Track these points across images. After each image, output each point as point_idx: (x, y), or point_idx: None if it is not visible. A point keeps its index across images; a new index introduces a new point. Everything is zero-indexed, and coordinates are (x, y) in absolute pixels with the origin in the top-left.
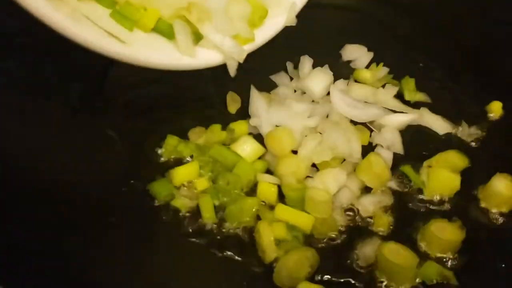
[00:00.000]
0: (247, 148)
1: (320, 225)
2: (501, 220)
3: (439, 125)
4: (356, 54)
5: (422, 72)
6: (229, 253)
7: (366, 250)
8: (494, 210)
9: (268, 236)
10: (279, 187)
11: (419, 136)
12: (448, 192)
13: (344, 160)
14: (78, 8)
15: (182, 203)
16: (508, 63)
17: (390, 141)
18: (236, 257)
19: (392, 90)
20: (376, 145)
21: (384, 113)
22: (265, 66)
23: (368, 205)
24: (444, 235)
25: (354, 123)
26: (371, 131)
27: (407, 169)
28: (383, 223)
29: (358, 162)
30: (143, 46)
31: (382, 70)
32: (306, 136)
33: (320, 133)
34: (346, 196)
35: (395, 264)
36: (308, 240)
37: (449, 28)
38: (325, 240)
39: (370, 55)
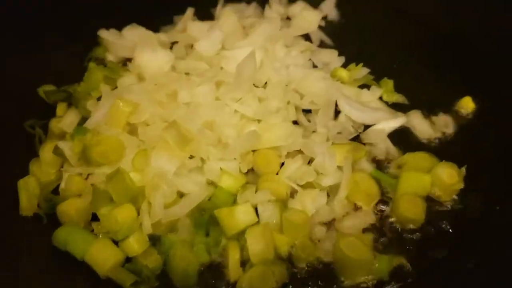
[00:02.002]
0: None
1: (301, 251)
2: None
3: (425, 130)
4: (327, 58)
5: (396, 72)
6: None
7: (326, 245)
8: (438, 196)
9: (234, 256)
10: None
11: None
12: (419, 192)
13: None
14: None
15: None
16: (481, 58)
17: (385, 151)
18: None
19: (377, 92)
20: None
21: (388, 116)
22: None
23: (349, 228)
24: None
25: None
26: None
27: (376, 173)
28: None
29: (338, 181)
30: None
31: (362, 70)
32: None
33: (302, 153)
34: (328, 213)
35: (349, 257)
36: None
37: (421, 27)
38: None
39: (342, 59)
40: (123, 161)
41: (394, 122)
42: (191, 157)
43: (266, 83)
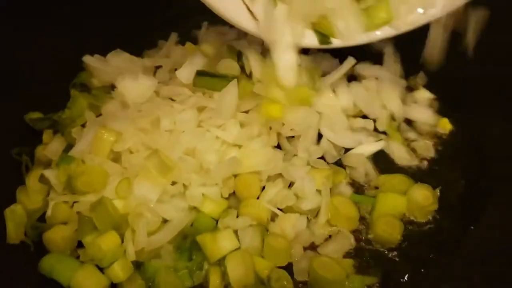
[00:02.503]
0: None
1: (275, 278)
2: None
3: (403, 156)
4: None
5: None
6: None
7: (302, 265)
8: (413, 216)
9: (215, 281)
10: None
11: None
12: (396, 213)
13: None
14: None
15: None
16: (458, 80)
17: (365, 174)
18: None
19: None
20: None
21: (368, 139)
22: None
23: (331, 253)
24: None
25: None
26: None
27: (355, 197)
28: None
29: (317, 205)
30: None
31: None
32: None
33: (283, 176)
34: (308, 237)
35: (323, 277)
36: None
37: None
38: None
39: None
40: (107, 189)
41: (374, 145)
42: (173, 183)
43: None
